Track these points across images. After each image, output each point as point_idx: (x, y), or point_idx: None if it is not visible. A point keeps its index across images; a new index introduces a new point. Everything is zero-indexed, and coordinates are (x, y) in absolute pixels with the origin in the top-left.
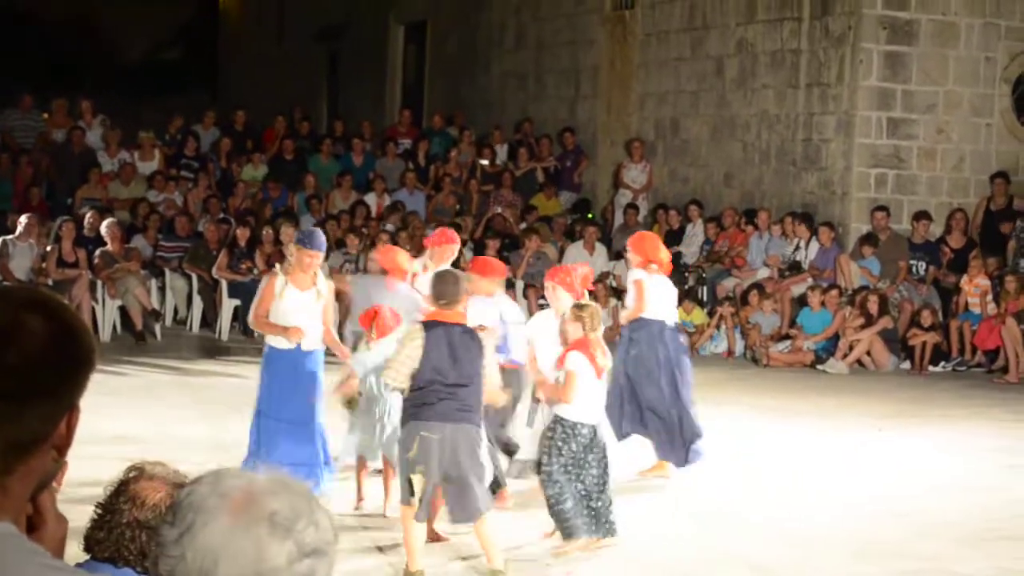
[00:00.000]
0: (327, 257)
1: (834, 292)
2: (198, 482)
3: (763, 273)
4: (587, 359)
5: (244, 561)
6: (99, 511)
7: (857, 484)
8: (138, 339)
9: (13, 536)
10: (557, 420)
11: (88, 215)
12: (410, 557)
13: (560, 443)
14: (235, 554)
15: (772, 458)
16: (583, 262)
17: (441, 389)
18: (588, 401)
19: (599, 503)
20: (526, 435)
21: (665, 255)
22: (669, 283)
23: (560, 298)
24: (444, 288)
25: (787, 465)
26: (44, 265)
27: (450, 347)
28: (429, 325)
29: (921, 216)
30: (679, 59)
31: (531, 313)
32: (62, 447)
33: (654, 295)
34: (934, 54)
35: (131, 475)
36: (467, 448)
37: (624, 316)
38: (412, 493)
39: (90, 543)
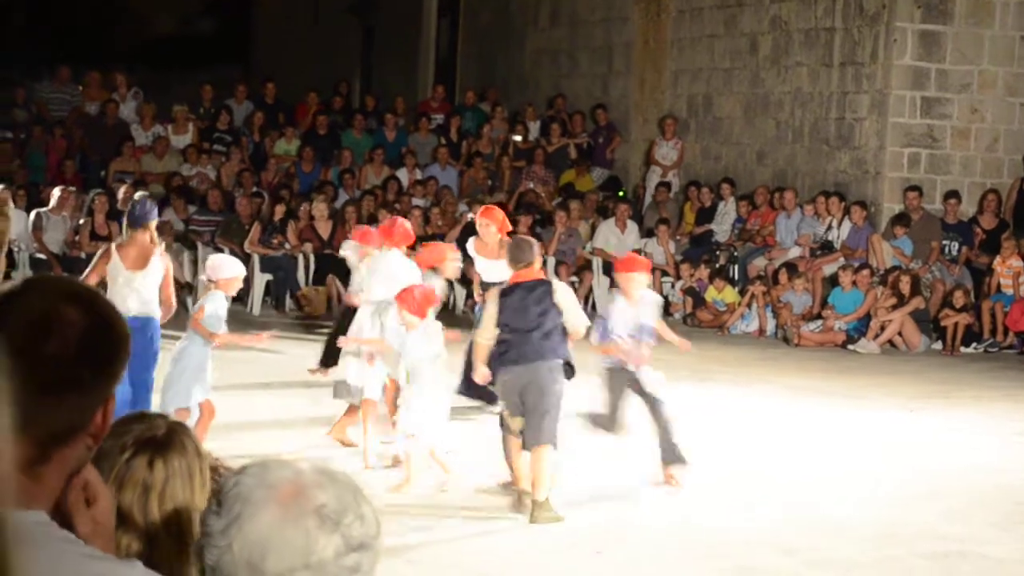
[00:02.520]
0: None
1: (866, 272)
2: (244, 473)
3: (794, 252)
4: None
5: (292, 553)
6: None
7: (887, 465)
8: None
9: (47, 525)
10: None
11: (122, 189)
12: (519, 481)
13: None
14: (284, 546)
15: (802, 439)
16: (614, 240)
17: (513, 338)
18: None
19: None
20: None
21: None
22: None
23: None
24: (520, 253)
25: (817, 446)
26: (77, 238)
27: (523, 301)
28: (508, 289)
29: (952, 196)
30: (712, 36)
31: None
32: (97, 435)
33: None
34: (968, 33)
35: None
36: (536, 385)
37: None
38: (511, 430)
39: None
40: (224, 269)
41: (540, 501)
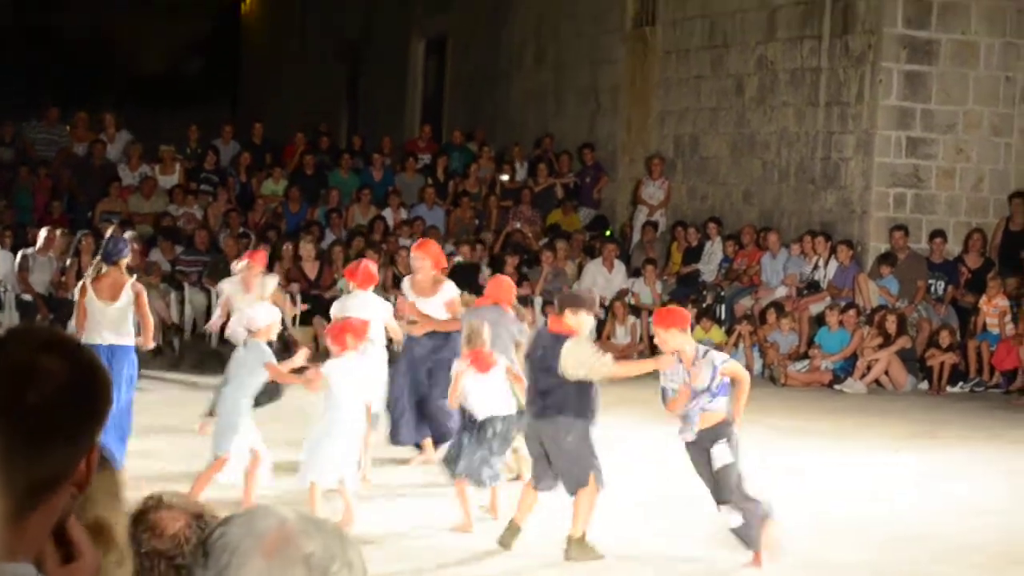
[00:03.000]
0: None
1: (852, 311)
2: (230, 523)
3: (781, 292)
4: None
5: None
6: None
7: (873, 506)
8: (155, 353)
9: None
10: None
11: (109, 229)
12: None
13: None
14: None
15: (787, 479)
16: (601, 280)
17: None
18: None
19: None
20: None
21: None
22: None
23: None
24: (573, 300)
25: (802, 486)
26: (64, 279)
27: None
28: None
29: (937, 235)
30: (699, 77)
31: None
32: (81, 484)
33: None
34: (953, 73)
35: (149, 504)
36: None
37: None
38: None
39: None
40: (260, 318)
41: (575, 538)
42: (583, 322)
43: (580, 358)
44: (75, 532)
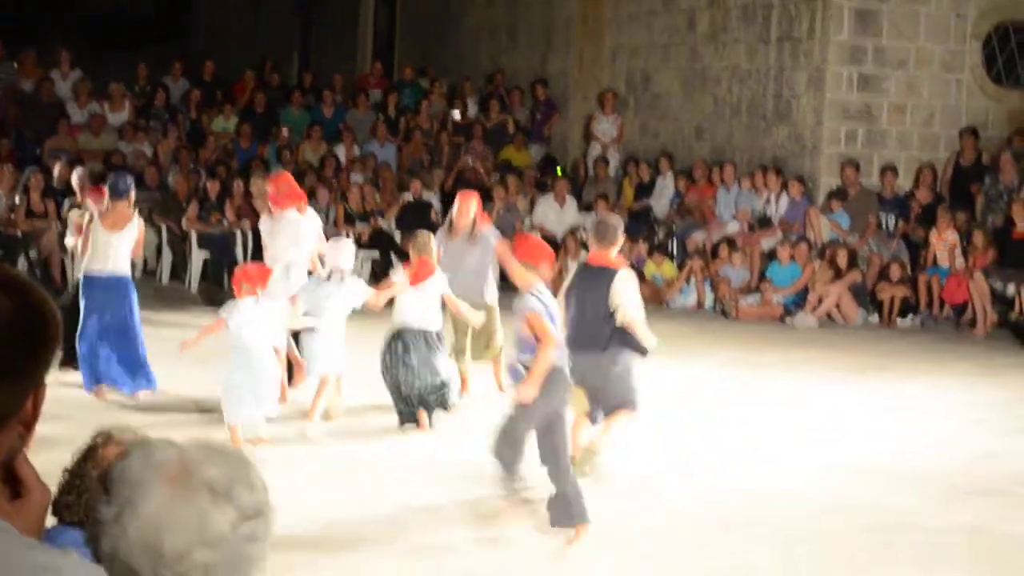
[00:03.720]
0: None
1: (803, 246)
2: (129, 456)
3: (733, 227)
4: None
5: (188, 531)
6: (68, 476)
7: (824, 439)
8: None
9: None
10: None
11: (57, 166)
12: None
13: None
14: (179, 525)
15: (739, 412)
16: (552, 215)
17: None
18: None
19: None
20: None
21: None
22: None
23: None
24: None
25: (755, 420)
26: (13, 216)
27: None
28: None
29: (888, 170)
30: (651, 12)
31: None
32: (29, 423)
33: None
34: (905, 10)
35: (98, 440)
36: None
37: None
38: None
39: (58, 508)
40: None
41: (591, 449)
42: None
43: (634, 296)
44: (23, 469)
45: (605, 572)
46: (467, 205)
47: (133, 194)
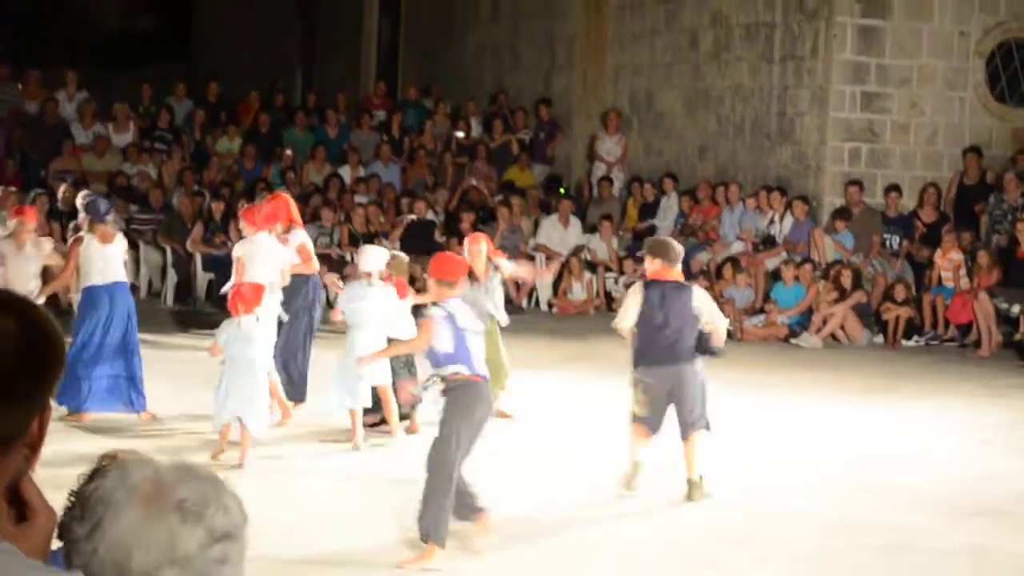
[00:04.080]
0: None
1: (808, 266)
2: (103, 475)
3: (737, 247)
4: None
5: (157, 550)
6: (73, 499)
7: (829, 459)
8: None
9: None
10: None
11: (62, 188)
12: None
13: None
14: (147, 544)
15: (744, 432)
16: (556, 236)
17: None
18: None
19: None
20: None
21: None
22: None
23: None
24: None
25: (759, 439)
26: None
27: (661, 299)
28: (649, 284)
29: (892, 190)
30: (654, 32)
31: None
32: (34, 445)
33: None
34: (908, 28)
35: (104, 463)
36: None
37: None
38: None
39: (64, 531)
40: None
41: (696, 480)
42: None
43: (713, 304)
44: (29, 492)
45: None
46: (477, 247)
47: (112, 218)
